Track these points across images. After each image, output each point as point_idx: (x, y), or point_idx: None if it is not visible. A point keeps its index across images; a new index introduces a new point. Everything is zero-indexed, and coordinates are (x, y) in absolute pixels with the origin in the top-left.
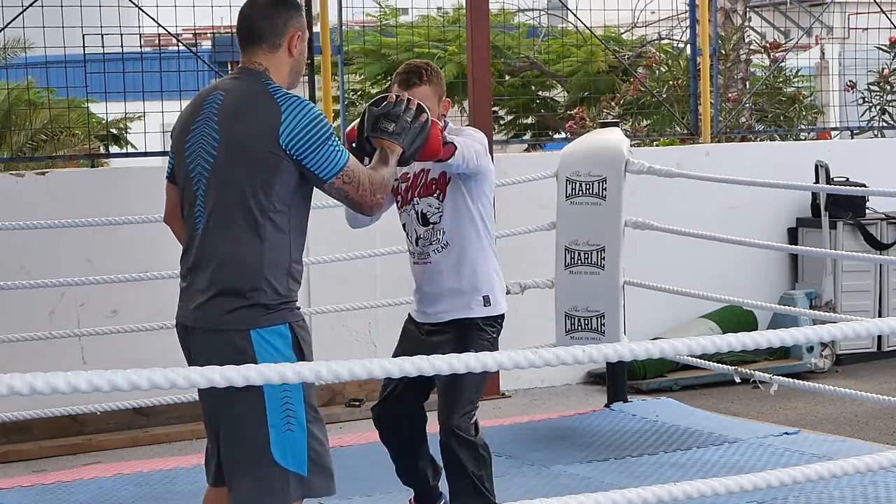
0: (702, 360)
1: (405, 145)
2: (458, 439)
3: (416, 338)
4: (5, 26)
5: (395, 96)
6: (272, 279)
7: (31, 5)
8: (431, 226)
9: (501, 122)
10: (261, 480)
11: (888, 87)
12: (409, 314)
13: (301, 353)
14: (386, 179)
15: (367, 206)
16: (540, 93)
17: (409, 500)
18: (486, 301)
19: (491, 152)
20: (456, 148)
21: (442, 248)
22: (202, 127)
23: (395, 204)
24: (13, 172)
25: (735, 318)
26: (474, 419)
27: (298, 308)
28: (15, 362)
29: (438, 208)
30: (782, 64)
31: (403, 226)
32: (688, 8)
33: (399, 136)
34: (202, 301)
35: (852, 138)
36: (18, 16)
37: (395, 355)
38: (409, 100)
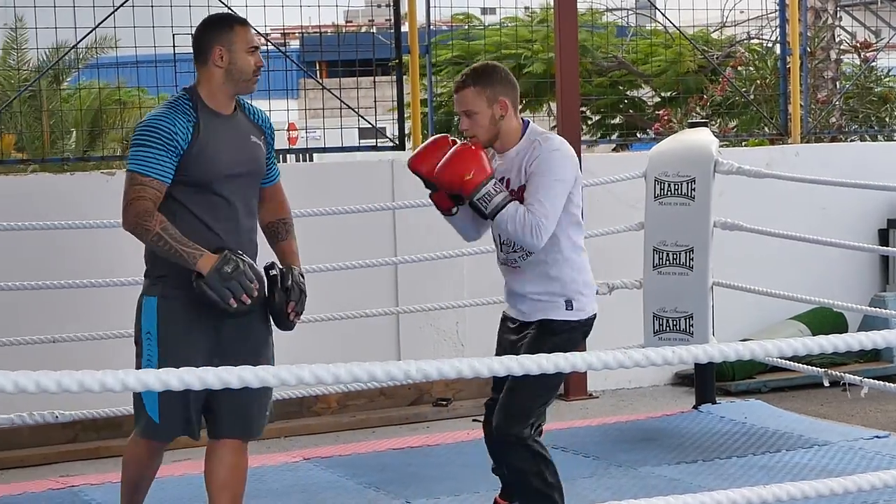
0: (791, 362)
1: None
2: (506, 442)
3: (506, 334)
4: (97, 26)
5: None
6: (154, 259)
7: (122, 5)
8: None
9: (589, 122)
10: (136, 407)
11: None
12: (503, 311)
13: (162, 318)
14: (151, 232)
15: (122, 217)
16: (628, 92)
17: (496, 499)
18: (568, 305)
19: (578, 153)
20: (482, 185)
21: (527, 255)
22: None
23: None
24: (104, 171)
25: (825, 320)
26: (528, 423)
27: (188, 281)
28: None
29: None
30: (873, 64)
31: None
32: (777, 7)
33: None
34: None
35: None
36: (109, 15)
37: (496, 354)
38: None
